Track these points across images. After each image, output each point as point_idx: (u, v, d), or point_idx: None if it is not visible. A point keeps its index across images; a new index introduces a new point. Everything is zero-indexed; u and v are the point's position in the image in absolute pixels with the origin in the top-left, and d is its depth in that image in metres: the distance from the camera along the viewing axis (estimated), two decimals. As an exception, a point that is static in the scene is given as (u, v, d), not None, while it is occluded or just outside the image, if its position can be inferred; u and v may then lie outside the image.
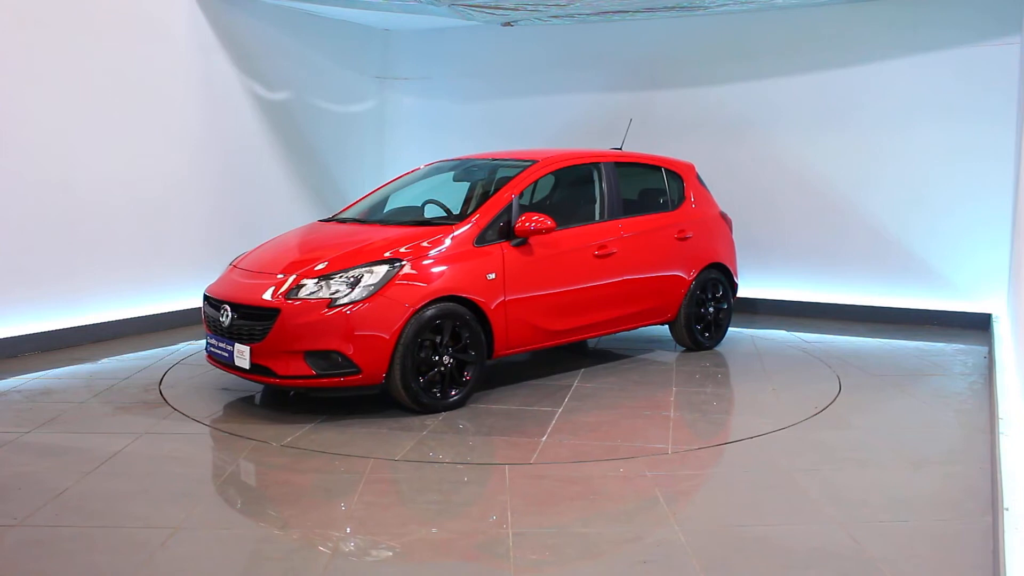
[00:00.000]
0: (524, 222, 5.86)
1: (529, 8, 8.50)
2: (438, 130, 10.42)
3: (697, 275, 7.19)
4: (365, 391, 5.39)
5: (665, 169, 7.45)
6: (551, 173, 6.71)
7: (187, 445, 4.94)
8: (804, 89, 8.84)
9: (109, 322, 7.52)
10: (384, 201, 6.84)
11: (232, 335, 5.47)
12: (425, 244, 5.60)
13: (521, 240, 5.92)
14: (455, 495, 4.26)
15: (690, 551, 3.60)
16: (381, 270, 5.36)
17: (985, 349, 7.38)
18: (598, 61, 9.69)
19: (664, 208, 7.26)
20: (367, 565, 3.54)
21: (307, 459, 4.74)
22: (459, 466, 4.62)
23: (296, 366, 5.25)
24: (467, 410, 5.56)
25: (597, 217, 6.65)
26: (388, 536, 3.81)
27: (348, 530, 3.82)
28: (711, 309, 7.40)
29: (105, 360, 6.84)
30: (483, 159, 7.04)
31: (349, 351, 5.21)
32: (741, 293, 9.24)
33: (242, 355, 5.37)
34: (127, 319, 7.68)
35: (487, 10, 8.61)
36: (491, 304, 5.69)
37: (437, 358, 5.46)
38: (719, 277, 7.46)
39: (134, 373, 6.45)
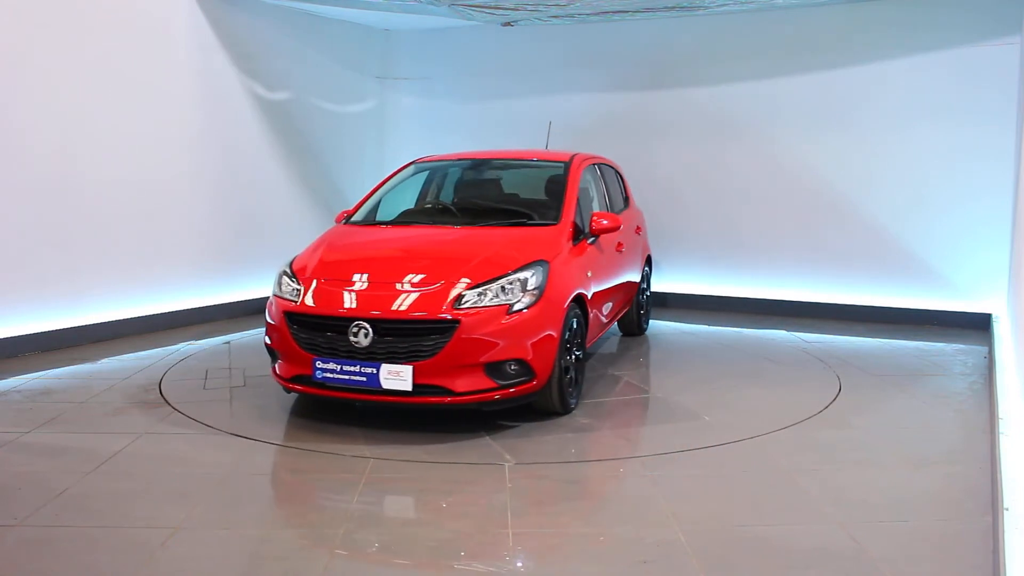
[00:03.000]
0: (598, 220, 6.06)
1: (529, 8, 8.51)
2: (438, 130, 10.42)
3: (644, 266, 7.78)
4: (524, 400, 5.15)
5: (617, 169, 7.85)
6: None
7: (187, 445, 4.94)
8: (804, 89, 8.84)
9: (109, 322, 7.52)
10: (410, 203, 6.64)
11: (376, 356, 4.90)
12: (550, 246, 5.56)
13: (595, 238, 6.13)
14: (455, 495, 4.26)
15: (690, 551, 3.60)
16: (540, 271, 5.22)
17: (985, 349, 7.38)
18: (598, 61, 9.69)
19: (626, 205, 7.72)
20: (367, 565, 3.54)
21: (307, 459, 4.74)
22: (459, 466, 4.62)
23: (475, 380, 4.90)
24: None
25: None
26: (388, 536, 3.81)
27: (348, 530, 3.82)
28: (643, 297, 7.92)
29: (105, 360, 6.84)
30: (482, 159, 7.01)
31: (528, 356, 4.99)
32: (741, 293, 9.26)
33: (399, 376, 4.83)
34: (127, 319, 7.68)
35: (487, 10, 8.61)
36: (590, 300, 5.84)
37: (569, 358, 5.44)
38: (648, 268, 8.03)
39: (134, 373, 6.45)
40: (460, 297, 4.97)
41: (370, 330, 4.89)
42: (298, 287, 5.31)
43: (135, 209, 7.72)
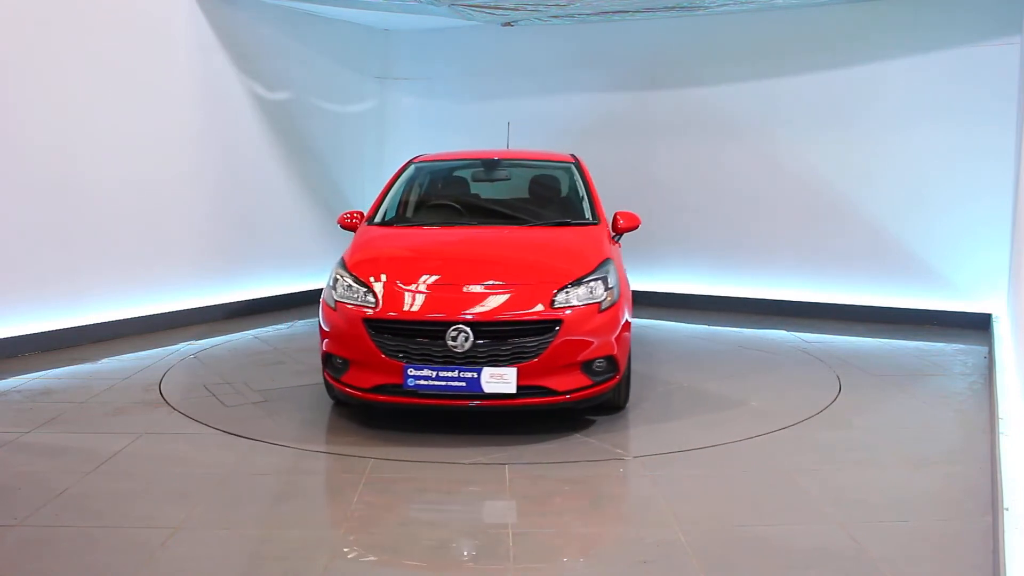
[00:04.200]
0: (622, 220, 6.07)
1: (529, 8, 8.51)
2: (438, 130, 10.42)
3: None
4: (601, 399, 5.17)
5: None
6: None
7: (187, 445, 4.94)
8: (804, 89, 8.84)
9: (109, 322, 7.52)
10: (425, 204, 6.47)
11: (477, 360, 4.79)
12: (605, 244, 5.63)
13: (619, 236, 6.13)
14: (455, 495, 4.26)
15: (690, 551, 3.60)
16: (612, 269, 5.29)
17: (985, 349, 7.38)
18: (598, 61, 9.70)
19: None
20: (367, 565, 3.54)
21: (307, 459, 4.74)
22: (459, 466, 4.62)
23: (573, 379, 4.91)
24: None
25: None
26: (388, 536, 3.81)
27: (348, 530, 3.82)
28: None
29: (105, 360, 6.84)
30: (488, 158, 6.97)
31: (615, 352, 5.06)
32: (741, 293, 9.26)
33: (502, 379, 4.73)
34: (127, 319, 7.68)
35: (487, 10, 8.61)
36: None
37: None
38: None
39: (134, 373, 6.45)
40: (554, 297, 4.95)
41: (470, 333, 4.77)
42: (368, 291, 5.06)
43: (135, 209, 7.72)
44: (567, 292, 5.00)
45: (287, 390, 6.05)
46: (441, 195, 6.65)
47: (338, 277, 5.29)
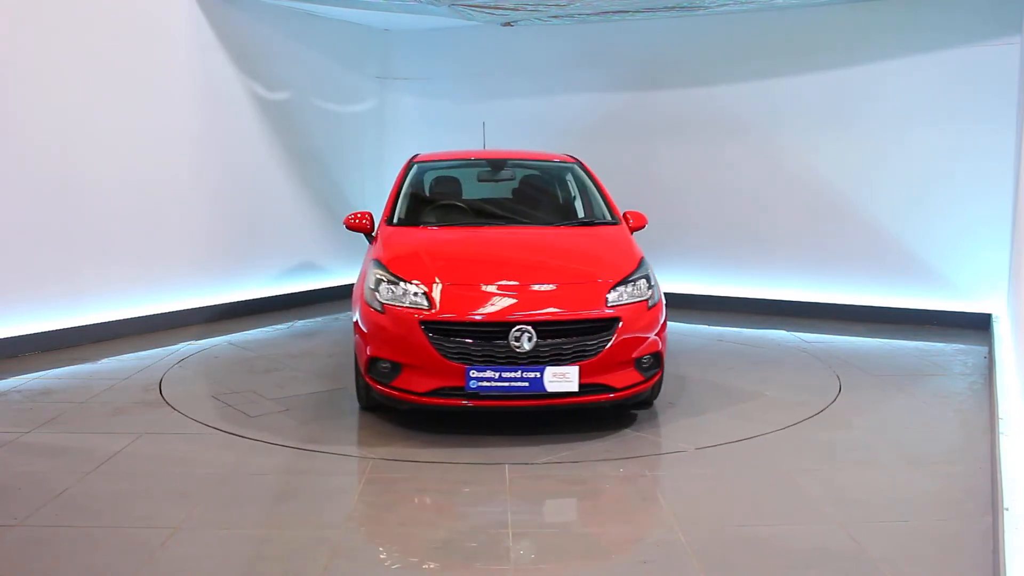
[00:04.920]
0: (631, 220, 6.21)
1: (529, 8, 8.50)
2: (438, 130, 10.42)
3: None
4: (644, 394, 5.28)
5: None
6: None
7: (187, 445, 4.94)
8: (804, 89, 8.84)
9: (109, 322, 7.52)
10: (439, 203, 6.39)
11: (540, 359, 4.80)
12: (634, 244, 5.79)
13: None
14: (455, 495, 4.26)
15: (690, 551, 3.60)
16: (650, 268, 5.46)
17: (985, 349, 7.38)
18: (598, 61, 9.70)
19: None
20: (367, 565, 3.54)
21: (307, 459, 4.74)
22: (459, 466, 4.62)
23: (628, 375, 5.01)
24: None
25: None
26: (388, 536, 3.81)
27: (348, 530, 3.82)
28: None
29: (105, 360, 6.84)
30: (494, 158, 6.95)
31: (661, 348, 5.20)
32: (742, 293, 9.26)
33: (564, 378, 4.77)
34: (127, 319, 7.68)
35: (487, 10, 8.61)
36: None
37: None
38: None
39: (134, 373, 6.45)
40: (608, 296, 5.02)
41: (533, 333, 4.77)
42: (419, 292, 4.96)
43: (135, 209, 7.72)
44: (619, 291, 5.09)
45: (304, 397, 6.02)
46: (456, 195, 6.62)
47: (380, 279, 5.14)
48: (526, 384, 4.76)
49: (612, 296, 5.03)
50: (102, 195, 7.44)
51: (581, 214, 6.33)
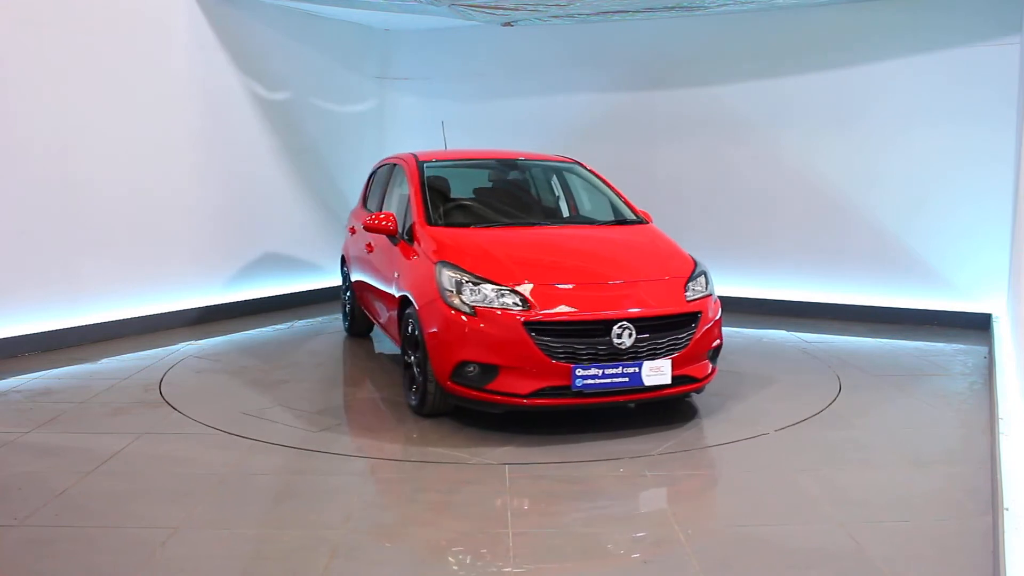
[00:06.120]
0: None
1: (529, 8, 8.50)
2: (438, 130, 10.41)
3: None
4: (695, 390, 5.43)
5: None
6: None
7: (187, 445, 4.94)
8: (804, 90, 8.84)
9: (109, 322, 7.52)
10: (466, 205, 6.32)
11: (638, 354, 4.91)
12: (673, 241, 6.02)
13: None
14: (455, 495, 4.26)
15: (690, 551, 3.60)
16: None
17: (985, 349, 7.38)
18: (598, 61, 9.70)
19: None
20: (367, 565, 3.54)
21: (307, 459, 4.74)
22: (459, 466, 4.62)
23: (704, 366, 5.28)
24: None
25: None
26: (388, 536, 3.81)
27: (348, 530, 3.82)
28: None
29: (105, 360, 6.84)
30: (504, 159, 6.94)
31: (722, 339, 5.47)
32: (742, 293, 9.25)
33: (659, 371, 4.93)
34: (127, 319, 7.68)
35: (487, 10, 8.61)
36: None
37: None
38: None
39: (134, 373, 6.45)
40: (685, 291, 5.26)
41: (633, 330, 4.88)
42: (511, 293, 4.93)
43: (135, 209, 7.72)
44: (691, 286, 5.32)
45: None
46: (481, 195, 6.59)
47: (461, 280, 5.04)
48: (626, 379, 4.87)
49: (688, 292, 5.27)
50: (102, 195, 7.44)
51: (610, 213, 6.44)
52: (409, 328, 5.47)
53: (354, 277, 7.38)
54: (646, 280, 5.27)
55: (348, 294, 7.77)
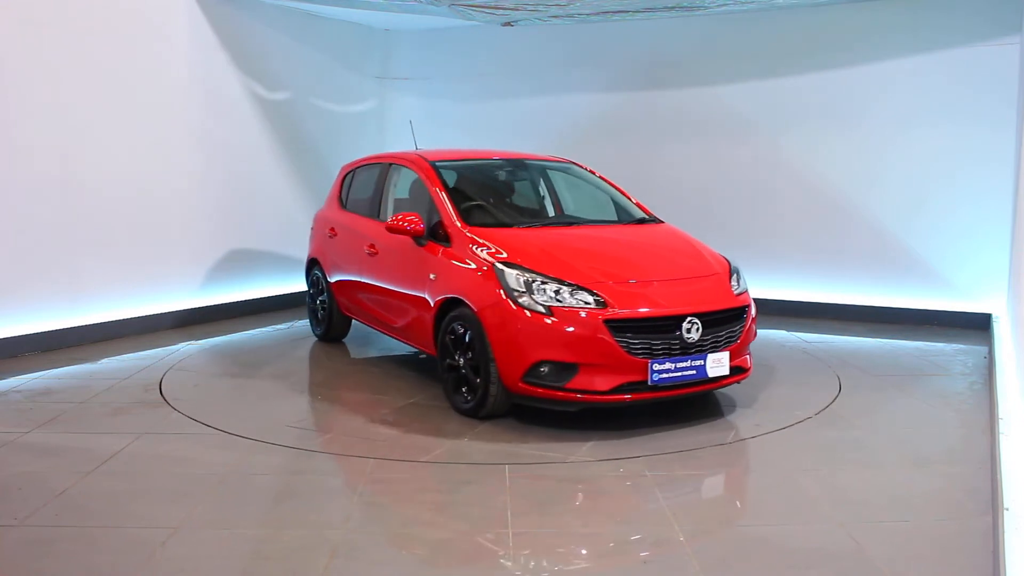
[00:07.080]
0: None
1: (529, 8, 8.50)
2: (438, 130, 10.42)
3: None
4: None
5: None
6: None
7: (187, 445, 4.94)
8: (804, 90, 8.84)
9: (109, 322, 7.52)
10: (486, 204, 6.27)
11: (703, 348, 5.13)
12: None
13: None
14: (455, 495, 4.26)
15: (690, 551, 3.60)
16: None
17: (985, 349, 7.38)
18: (598, 61, 9.70)
19: None
20: (367, 565, 3.54)
21: (307, 459, 4.74)
22: (459, 466, 4.62)
23: (747, 357, 5.58)
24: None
25: None
26: (388, 536, 3.81)
27: (348, 530, 3.82)
28: None
29: (105, 360, 6.84)
30: (506, 158, 6.94)
31: (755, 333, 5.75)
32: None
33: (720, 363, 5.20)
34: (127, 319, 7.68)
35: (487, 10, 8.61)
36: None
37: None
38: None
39: (134, 373, 6.45)
40: (731, 287, 5.52)
41: (700, 324, 5.10)
42: (584, 292, 4.99)
43: (135, 209, 7.72)
44: (733, 282, 5.57)
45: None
46: (505, 195, 6.62)
47: (533, 280, 5.04)
48: (694, 372, 5.10)
49: (734, 287, 5.52)
50: (102, 194, 7.44)
51: (627, 214, 6.56)
52: (461, 330, 5.32)
53: (339, 279, 7.10)
54: (698, 276, 5.49)
55: (322, 298, 7.45)
